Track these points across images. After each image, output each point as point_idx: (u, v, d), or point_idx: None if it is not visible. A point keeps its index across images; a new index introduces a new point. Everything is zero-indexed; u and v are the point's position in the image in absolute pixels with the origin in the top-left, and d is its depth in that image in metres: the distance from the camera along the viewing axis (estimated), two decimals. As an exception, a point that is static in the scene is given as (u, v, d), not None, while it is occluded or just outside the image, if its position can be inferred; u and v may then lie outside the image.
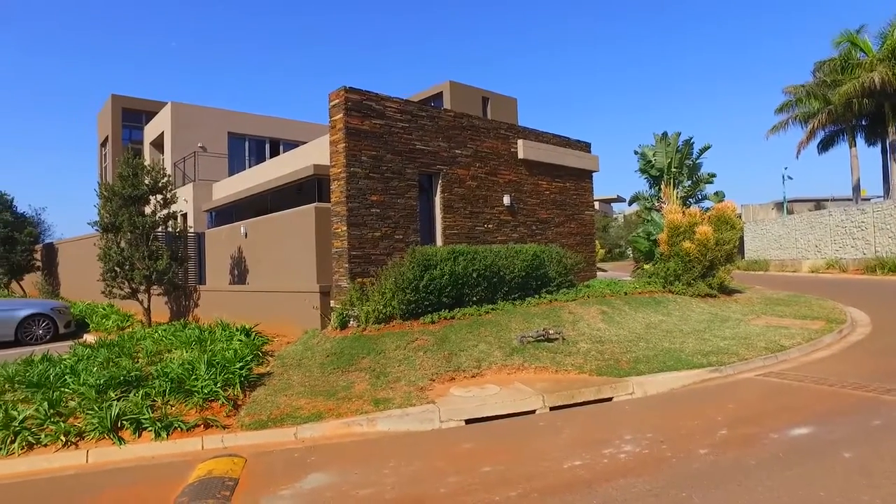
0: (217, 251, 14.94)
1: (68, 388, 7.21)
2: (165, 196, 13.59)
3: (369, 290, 9.94)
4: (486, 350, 8.62)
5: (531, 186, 14.07)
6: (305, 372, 8.13)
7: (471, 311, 10.02)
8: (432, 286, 9.73)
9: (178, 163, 20.28)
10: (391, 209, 10.90)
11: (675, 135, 21.71)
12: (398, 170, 11.10)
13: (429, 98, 27.49)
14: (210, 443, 6.14)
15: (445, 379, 7.79)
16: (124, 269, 12.94)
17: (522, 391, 7.23)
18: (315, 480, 4.97)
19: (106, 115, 29.13)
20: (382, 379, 7.65)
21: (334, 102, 10.63)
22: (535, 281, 11.49)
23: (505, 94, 29.57)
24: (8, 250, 23.19)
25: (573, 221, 15.36)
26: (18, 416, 6.38)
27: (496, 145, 13.21)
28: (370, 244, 10.51)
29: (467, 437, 6.18)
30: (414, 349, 8.59)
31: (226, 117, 21.75)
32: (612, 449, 5.25)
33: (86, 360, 8.57)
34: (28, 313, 13.54)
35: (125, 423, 6.32)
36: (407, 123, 11.34)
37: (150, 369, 7.87)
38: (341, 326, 9.72)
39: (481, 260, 10.41)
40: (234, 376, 7.38)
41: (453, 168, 12.21)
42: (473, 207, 12.58)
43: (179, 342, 9.66)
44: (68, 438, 6.13)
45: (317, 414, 6.64)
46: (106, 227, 13.23)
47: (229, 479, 5.04)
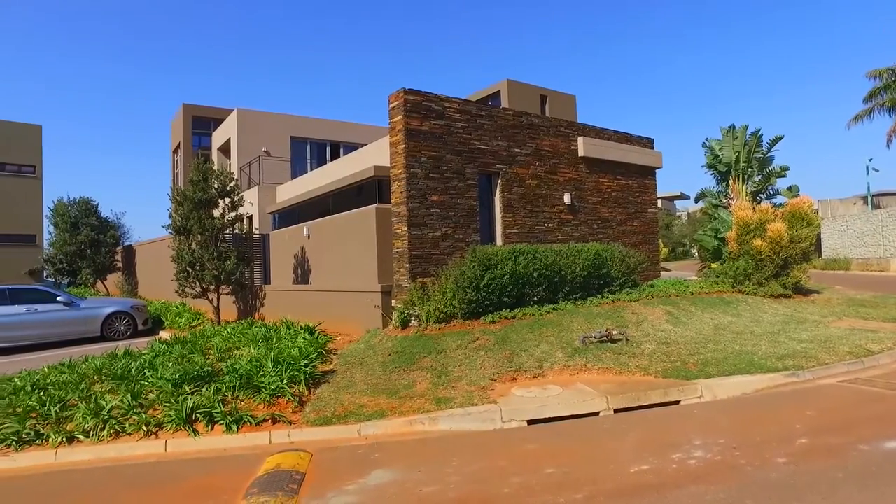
0: (281, 252, 15.42)
1: (148, 382, 7.63)
2: (233, 199, 14.14)
3: (430, 289, 10.01)
4: (547, 350, 8.51)
5: (592, 184, 13.79)
6: (368, 370, 8.26)
7: (532, 311, 9.92)
8: (493, 286, 9.69)
9: (243, 167, 21.07)
10: (451, 209, 10.94)
11: (742, 127, 20.71)
12: (458, 170, 11.12)
13: (486, 97, 27.43)
14: (277, 437, 6.34)
15: (507, 379, 7.74)
16: (195, 270, 13.55)
17: (585, 392, 7.09)
18: (379, 477, 5.05)
19: (178, 123, 30.64)
20: (444, 378, 7.68)
21: (394, 104, 10.75)
22: (597, 280, 11.26)
23: (563, 92, 29.18)
24: (94, 252, 24.77)
25: (636, 220, 14.95)
26: (106, 405, 6.83)
27: (556, 143, 13.03)
28: (430, 244, 10.58)
29: (530, 437, 6.12)
30: (475, 349, 8.58)
31: (288, 122, 22.43)
32: (681, 454, 5.07)
33: (162, 356, 9.04)
34: (111, 311, 14.40)
35: (199, 415, 6.63)
36: (466, 123, 11.35)
37: (221, 365, 8.22)
38: (402, 326, 9.84)
39: (542, 259, 10.29)
40: (299, 373, 7.58)
41: (513, 167, 12.12)
42: (533, 206, 12.45)
43: (247, 340, 10.02)
44: (149, 428, 6.51)
45: (380, 412, 6.73)
46: (178, 229, 13.91)
47: (297, 472, 5.19)
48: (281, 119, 22.34)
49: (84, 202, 25.74)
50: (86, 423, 6.52)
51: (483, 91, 28.39)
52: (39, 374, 8.47)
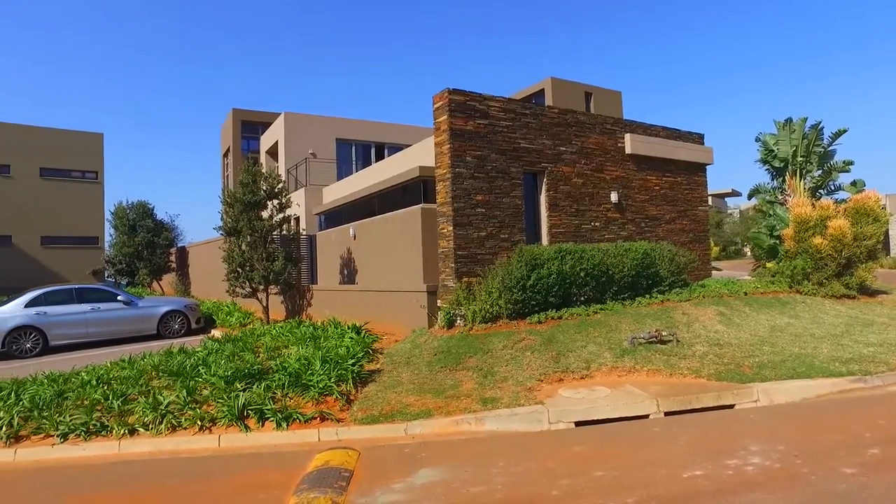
0: (327, 252, 15.69)
1: (201, 378, 7.88)
2: (281, 201, 14.47)
3: (476, 289, 9.99)
4: (595, 351, 8.37)
5: (640, 182, 13.50)
6: (414, 370, 8.31)
7: (578, 311, 9.78)
8: (539, 285, 9.60)
9: (290, 169, 21.53)
10: (496, 209, 10.89)
11: (800, 120, 19.80)
12: (503, 169, 11.07)
13: (530, 96, 27.25)
14: (325, 435, 6.44)
15: (553, 380, 7.65)
16: (245, 270, 13.93)
17: (635, 394, 6.94)
18: (426, 476, 5.06)
19: (227, 128, 31.60)
20: (490, 378, 7.65)
21: (438, 104, 10.79)
22: (645, 280, 11.02)
23: (608, 88, 28.70)
24: (150, 253, 25.80)
25: (685, 218, 14.55)
26: (164, 400, 7.09)
27: (602, 141, 12.81)
28: (476, 244, 10.56)
29: (578, 439, 6.03)
30: (521, 349, 8.52)
31: (333, 124, 22.80)
32: (737, 460, 4.89)
33: (215, 354, 9.32)
34: (167, 310, 14.95)
35: (250, 412, 6.80)
36: (510, 122, 11.28)
37: (270, 364, 8.41)
38: (448, 325, 9.85)
39: (589, 259, 10.13)
40: (346, 372, 7.68)
41: (558, 165, 11.98)
42: (579, 205, 12.27)
43: (295, 339, 10.23)
44: (203, 423, 6.71)
45: (426, 411, 6.76)
46: (229, 231, 14.33)
47: (345, 470, 5.26)
48: (326, 122, 22.74)
49: (141, 205, 26.84)
50: (145, 417, 6.79)
51: (527, 90, 28.21)
52: (103, 370, 8.88)
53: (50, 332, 13.10)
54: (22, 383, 8.26)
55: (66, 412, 7.00)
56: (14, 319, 12.81)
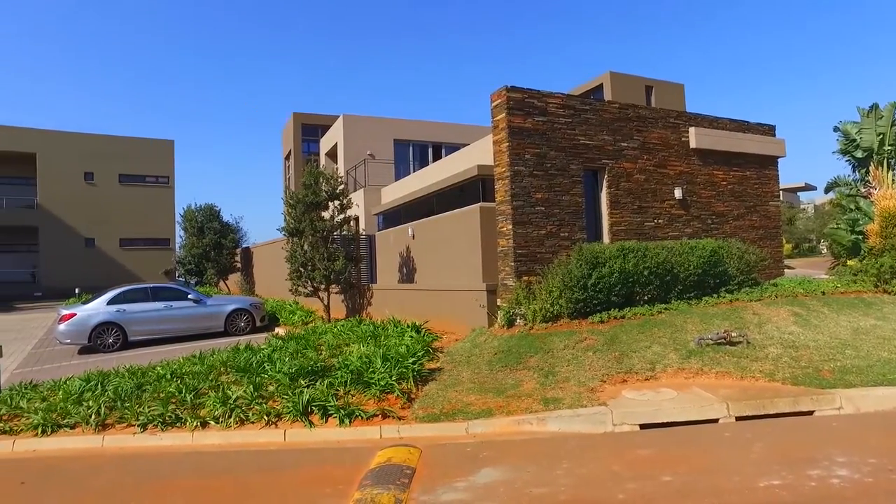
0: (386, 252, 15.90)
1: (267, 375, 8.14)
2: (342, 202, 14.77)
3: (535, 288, 9.89)
4: (659, 352, 8.12)
5: (705, 177, 13.00)
6: (474, 369, 8.30)
7: (642, 311, 9.52)
8: (601, 284, 9.41)
9: (349, 170, 21.94)
10: (556, 206, 10.75)
11: (889, 106, 18.38)
12: (562, 166, 10.91)
13: (588, 91, 26.75)
14: (387, 432, 6.52)
15: (616, 380, 7.48)
16: (307, 270, 14.30)
17: (703, 397, 6.69)
18: (488, 475, 5.04)
19: (288, 131, 32.56)
20: (551, 378, 7.55)
21: (496, 103, 10.74)
22: (712, 279, 10.60)
23: (670, 81, 27.81)
24: (217, 254, 26.92)
25: (754, 214, 13.90)
26: (232, 395, 7.37)
27: (665, 135, 12.41)
28: (535, 242, 10.45)
29: (643, 442, 5.87)
30: (582, 349, 8.37)
31: (391, 125, 23.09)
32: (819, 471, 4.62)
33: (279, 351, 9.62)
34: (233, 308, 15.51)
35: (314, 408, 6.97)
36: (570, 119, 11.10)
37: (332, 361, 8.60)
38: (508, 325, 9.79)
39: (653, 257, 9.84)
40: (407, 370, 7.75)
41: (619, 162, 11.70)
42: (642, 202, 11.94)
43: (356, 337, 10.41)
44: (269, 418, 6.93)
45: (487, 410, 6.74)
46: (291, 231, 14.75)
47: (407, 467, 5.30)
48: (384, 123, 23.06)
49: (208, 208, 28.04)
50: (215, 411, 7.08)
51: (585, 85, 27.71)
52: (176, 364, 9.31)
53: (129, 328, 13.85)
54: (106, 375, 8.78)
55: (145, 404, 7.39)
56: (98, 316, 13.63)
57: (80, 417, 7.18)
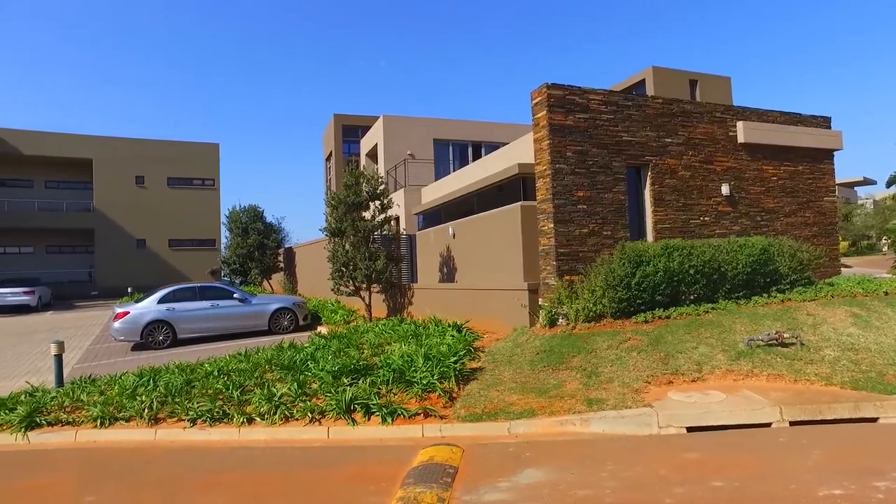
0: (427, 251, 15.95)
1: (310, 373, 8.28)
2: (382, 202, 14.89)
3: (578, 287, 9.75)
4: (707, 353, 7.89)
5: (754, 173, 12.56)
6: (516, 368, 8.24)
7: (688, 311, 9.27)
8: (645, 284, 9.21)
9: (389, 170, 22.11)
10: (598, 204, 10.57)
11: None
12: (604, 164, 10.72)
13: (630, 87, 26.24)
14: (429, 431, 6.54)
15: (662, 382, 7.30)
16: (349, 269, 14.48)
17: (754, 400, 6.46)
18: (531, 476, 5.00)
19: (329, 133, 33.03)
20: (594, 379, 7.43)
21: (536, 100, 10.63)
22: (762, 278, 10.24)
23: (715, 74, 27.05)
24: (261, 254, 27.54)
25: (808, 210, 13.36)
26: (277, 392, 7.52)
27: (711, 130, 12.05)
28: (577, 241, 10.31)
29: (691, 445, 5.71)
30: (626, 349, 8.21)
31: (431, 125, 23.15)
32: (887, 482, 4.38)
33: (322, 349, 9.77)
34: (277, 307, 15.82)
35: (357, 406, 7.04)
36: (612, 115, 10.90)
37: (374, 360, 8.68)
38: (550, 324, 9.69)
39: (699, 255, 9.57)
40: (448, 370, 7.77)
41: (663, 158, 11.42)
42: (687, 199, 11.62)
43: (397, 336, 10.49)
44: (313, 415, 7.04)
45: (529, 410, 6.68)
46: (333, 231, 14.96)
47: (449, 466, 5.30)
48: (424, 123, 23.14)
49: (252, 209, 28.70)
50: (261, 407, 7.23)
51: (626, 81, 27.18)
52: (223, 362, 9.56)
53: (178, 326, 14.29)
54: (158, 371, 9.09)
55: (194, 399, 7.62)
56: (150, 314, 14.12)
57: (135, 411, 7.46)
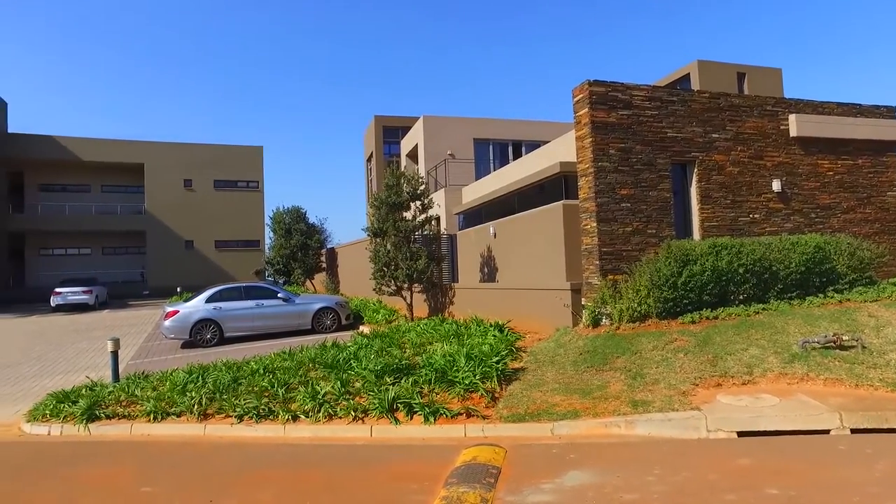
0: (467, 251, 15.93)
1: (353, 371, 8.37)
2: (423, 202, 14.95)
3: (622, 287, 9.57)
4: (758, 355, 7.62)
5: (808, 167, 12.07)
6: (559, 369, 8.14)
7: (737, 311, 8.98)
8: (691, 283, 8.97)
9: (430, 170, 22.17)
10: (642, 203, 10.35)
11: None
12: (648, 161, 10.49)
13: (674, 82, 25.61)
14: (471, 431, 6.53)
15: (710, 384, 7.09)
16: (390, 269, 14.59)
17: (810, 405, 6.20)
18: (575, 478, 4.92)
19: (370, 134, 33.38)
20: (639, 380, 7.28)
21: (578, 97, 10.48)
22: (817, 277, 9.83)
23: (765, 66, 26.09)
24: (304, 254, 28.05)
25: (868, 206, 12.75)
26: (321, 391, 7.63)
27: (761, 124, 11.64)
28: (621, 240, 10.12)
29: (742, 451, 5.51)
30: (673, 350, 8.00)
31: (471, 124, 23.12)
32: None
33: (364, 349, 9.86)
34: (320, 306, 16.04)
35: (399, 405, 7.07)
36: (656, 111, 10.66)
37: (417, 359, 8.71)
38: (593, 324, 9.54)
39: (748, 254, 9.26)
40: (490, 370, 7.73)
41: (710, 154, 11.10)
42: (735, 196, 11.26)
43: (439, 335, 10.50)
44: (356, 414, 7.12)
45: (573, 412, 6.59)
46: (375, 231, 15.11)
47: (492, 467, 5.26)
48: (463, 122, 23.13)
49: (295, 210, 29.25)
50: (305, 405, 7.35)
51: (670, 76, 26.54)
52: (268, 360, 9.76)
53: (225, 324, 14.68)
54: (206, 369, 9.35)
55: (241, 396, 7.80)
56: (198, 313, 14.54)
57: (185, 407, 7.70)
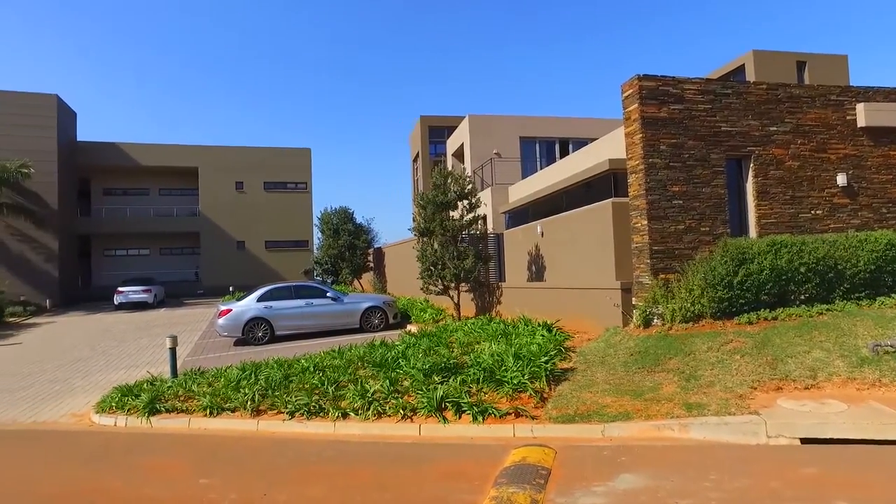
0: (514, 250, 15.81)
1: (402, 370, 8.41)
2: (470, 201, 14.92)
3: (674, 286, 9.31)
4: (822, 358, 7.26)
5: (878, 160, 11.41)
6: (609, 370, 7.98)
7: (798, 312, 8.60)
8: (748, 283, 8.64)
9: (476, 170, 22.13)
10: (695, 200, 10.03)
11: None
12: (701, 156, 10.16)
13: (727, 74, 24.74)
14: (520, 431, 6.47)
15: (770, 388, 6.81)
16: (437, 269, 14.62)
17: (884, 413, 5.87)
18: (627, 481, 4.80)
19: (416, 134, 33.59)
20: (693, 382, 7.05)
21: (627, 93, 10.25)
22: (890, 277, 9.31)
23: (828, 53, 24.87)
24: (351, 254, 28.43)
25: (944, 200, 11.96)
26: (370, 389, 7.71)
27: (824, 115, 11.08)
28: (673, 238, 9.83)
29: (807, 459, 5.26)
30: (728, 352, 7.72)
31: (517, 123, 22.97)
32: None
33: (412, 348, 9.90)
34: (368, 306, 16.23)
35: (447, 404, 7.08)
36: (709, 105, 10.31)
37: (464, 359, 8.69)
38: (644, 325, 9.31)
39: (811, 252, 8.85)
40: (539, 370, 7.65)
41: (767, 148, 10.65)
42: (795, 191, 10.77)
43: (486, 335, 10.45)
44: (405, 412, 7.15)
45: (624, 413, 6.44)
46: (422, 231, 15.17)
47: (542, 468, 5.20)
48: (509, 121, 23.00)
49: (343, 211, 29.69)
50: (355, 403, 7.44)
51: (723, 68, 25.64)
52: (318, 358, 9.93)
53: (276, 323, 15.03)
54: (258, 366, 9.59)
55: (292, 393, 7.97)
56: (250, 312, 14.95)
57: (239, 403, 7.92)
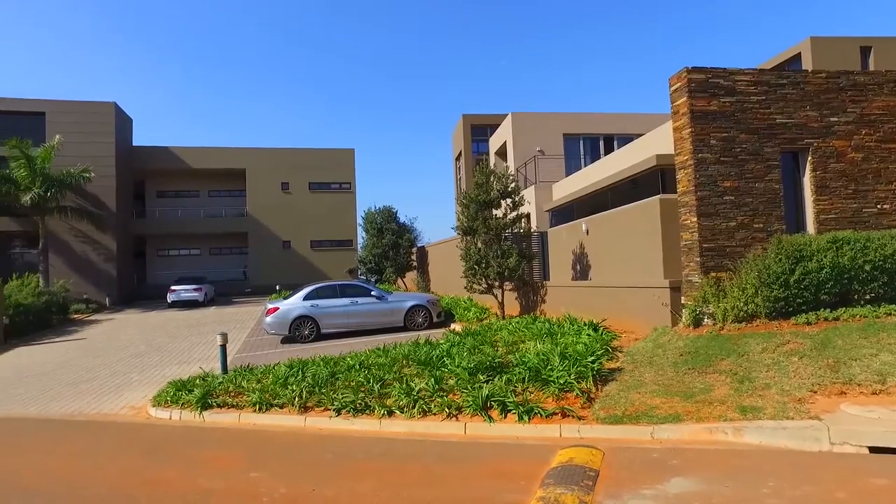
0: (559, 248, 15.62)
1: (447, 369, 8.42)
2: (513, 199, 14.82)
3: (725, 285, 9.00)
4: (892, 362, 6.86)
5: (950, 151, 10.76)
6: (658, 370, 7.78)
7: (863, 312, 8.17)
8: (806, 281, 8.27)
9: (519, 168, 21.98)
10: (747, 195, 9.67)
11: None
12: (754, 150, 9.79)
13: (782, 63, 23.86)
14: (567, 431, 6.38)
15: (832, 392, 6.48)
16: (481, 267, 14.57)
17: (960, 420, 5.50)
18: (679, 486, 4.66)
19: (458, 133, 33.61)
20: (747, 384, 6.79)
21: (676, 86, 9.97)
22: (964, 275, 8.75)
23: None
24: (395, 253, 28.68)
25: None
26: (415, 387, 7.74)
27: (892, 103, 10.50)
28: (724, 235, 9.51)
29: (876, 469, 4.98)
30: (785, 353, 7.41)
31: (560, 120, 22.69)
32: None
33: (457, 346, 9.90)
34: (412, 304, 16.32)
35: (493, 403, 7.04)
36: (763, 96, 9.92)
37: (509, 358, 8.63)
38: (694, 324, 9.04)
39: (877, 249, 8.40)
40: (586, 369, 7.53)
41: (827, 140, 10.17)
42: (858, 185, 10.25)
43: (531, 334, 10.35)
44: (450, 411, 7.15)
45: (674, 415, 6.26)
46: (465, 230, 15.14)
47: (590, 469, 5.11)
48: (552, 118, 22.74)
49: (387, 210, 29.96)
50: (400, 401, 7.48)
51: (777, 57, 24.71)
52: (363, 356, 10.03)
53: (321, 321, 15.28)
54: (305, 363, 9.76)
55: (339, 391, 8.08)
56: (296, 310, 15.24)
57: (287, 399, 8.08)
